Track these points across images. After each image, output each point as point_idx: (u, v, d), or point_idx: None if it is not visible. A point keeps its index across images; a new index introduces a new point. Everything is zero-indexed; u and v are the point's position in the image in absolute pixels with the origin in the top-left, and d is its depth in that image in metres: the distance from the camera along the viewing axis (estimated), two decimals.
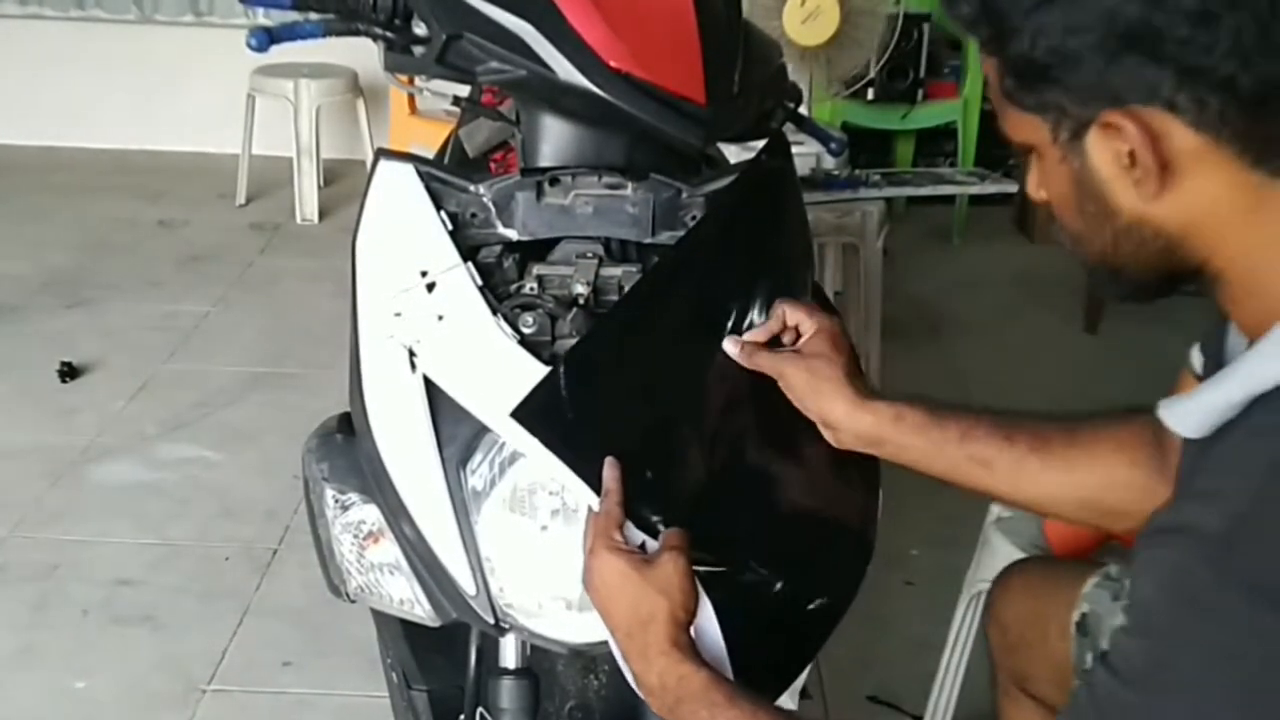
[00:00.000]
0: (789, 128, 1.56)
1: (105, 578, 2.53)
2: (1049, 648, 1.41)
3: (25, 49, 5.29)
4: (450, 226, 1.23)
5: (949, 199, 4.57)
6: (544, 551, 1.16)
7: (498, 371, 1.16)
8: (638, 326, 1.20)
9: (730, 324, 1.21)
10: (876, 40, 3.47)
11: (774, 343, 1.21)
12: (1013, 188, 4.33)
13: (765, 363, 1.20)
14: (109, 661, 2.29)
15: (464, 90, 1.53)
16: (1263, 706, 0.78)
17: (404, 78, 1.36)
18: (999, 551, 1.78)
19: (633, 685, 1.10)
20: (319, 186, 4.76)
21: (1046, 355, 3.77)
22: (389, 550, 1.21)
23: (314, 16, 1.30)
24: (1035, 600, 1.46)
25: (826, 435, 1.21)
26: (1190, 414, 0.89)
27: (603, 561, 1.07)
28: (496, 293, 1.21)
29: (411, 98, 4.12)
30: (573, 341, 1.18)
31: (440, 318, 1.18)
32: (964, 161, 4.63)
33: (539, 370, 1.14)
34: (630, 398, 1.18)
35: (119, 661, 2.29)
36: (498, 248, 1.27)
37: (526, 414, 1.12)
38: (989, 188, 3.89)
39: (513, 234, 1.27)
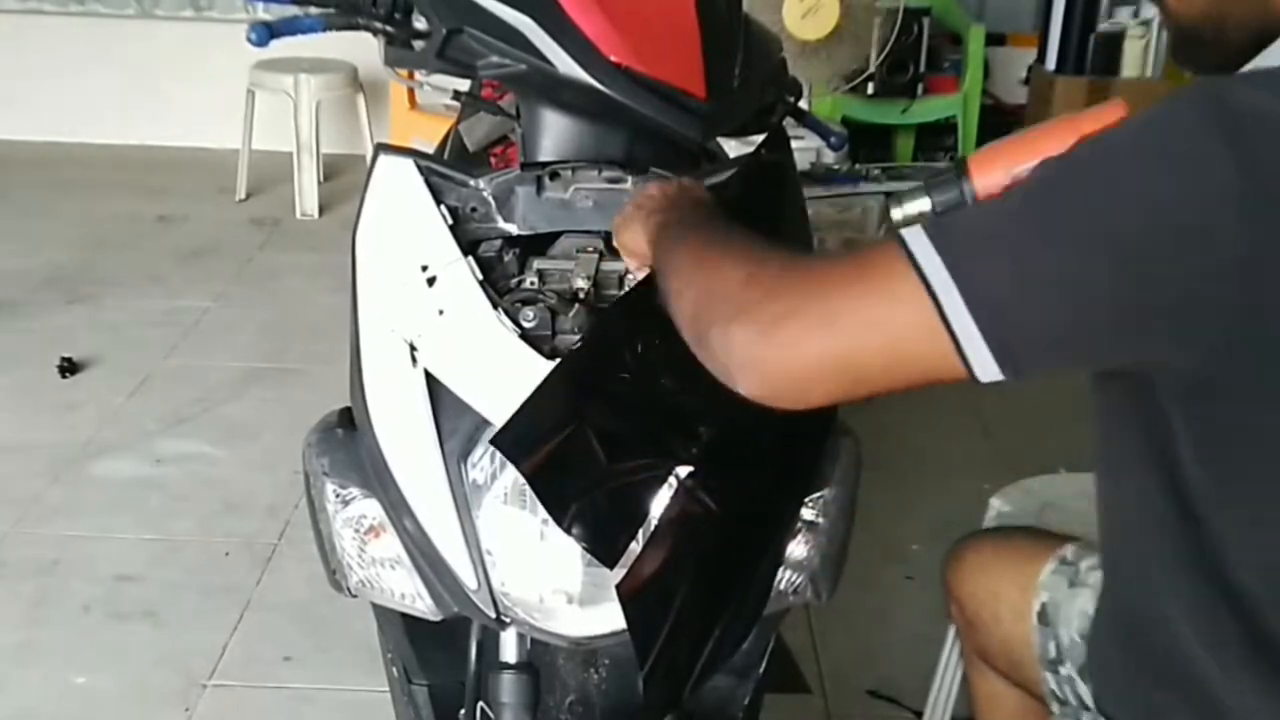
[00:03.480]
0: (789, 122, 1.57)
1: (106, 573, 2.53)
2: (1002, 629, 1.41)
3: (25, 44, 5.29)
4: (450, 221, 1.23)
5: None
6: (545, 545, 1.16)
7: (498, 366, 1.16)
8: (638, 323, 1.19)
9: None
10: (876, 35, 3.48)
11: None
12: None
13: None
14: (110, 657, 2.29)
15: (464, 85, 1.52)
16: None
17: (404, 72, 1.36)
18: None
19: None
20: (319, 181, 4.75)
21: None
22: (390, 545, 1.21)
23: (314, 11, 1.30)
24: (989, 580, 1.45)
25: None
26: None
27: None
28: (497, 287, 1.21)
29: (411, 92, 4.12)
30: (574, 336, 1.18)
31: (441, 312, 1.18)
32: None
33: (540, 364, 1.14)
34: (632, 391, 1.18)
35: (120, 657, 2.29)
36: (498, 242, 1.27)
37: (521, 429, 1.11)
38: None
39: (513, 228, 1.27)
